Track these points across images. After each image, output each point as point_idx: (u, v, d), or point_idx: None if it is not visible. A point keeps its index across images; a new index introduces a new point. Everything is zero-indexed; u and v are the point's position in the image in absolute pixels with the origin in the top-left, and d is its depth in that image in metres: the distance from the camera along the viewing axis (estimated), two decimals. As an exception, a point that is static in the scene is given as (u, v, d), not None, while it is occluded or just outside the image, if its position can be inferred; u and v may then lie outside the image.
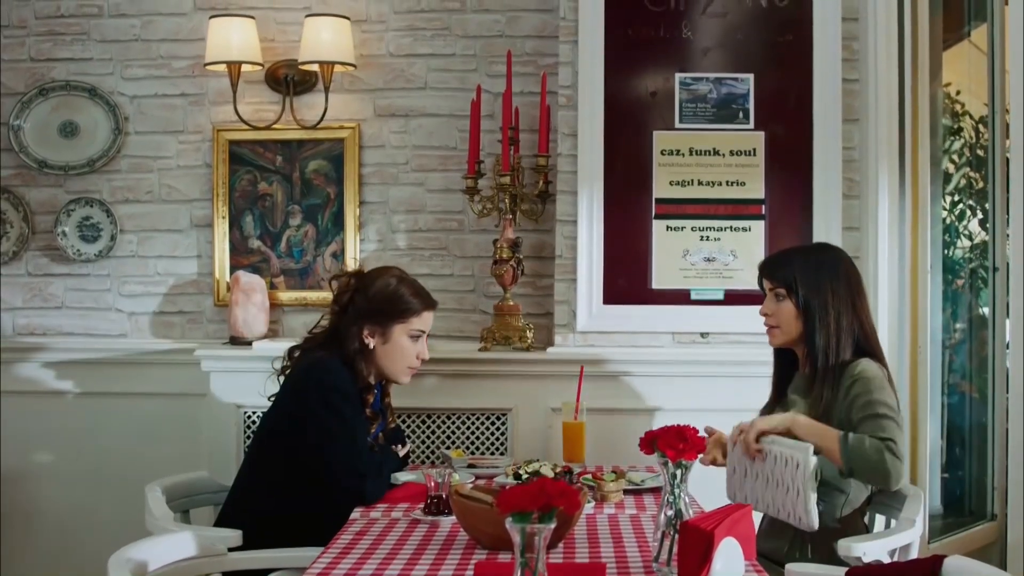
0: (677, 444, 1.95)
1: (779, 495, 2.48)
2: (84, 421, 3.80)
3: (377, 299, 2.86)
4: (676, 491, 2.00)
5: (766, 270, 2.83)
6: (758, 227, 3.51)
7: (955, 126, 4.22)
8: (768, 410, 2.84)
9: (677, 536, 1.95)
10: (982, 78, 4.01)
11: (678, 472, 2.00)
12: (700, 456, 2.47)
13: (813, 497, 2.41)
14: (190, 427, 3.69)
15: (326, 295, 3.73)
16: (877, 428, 2.53)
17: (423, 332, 2.92)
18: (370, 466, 2.73)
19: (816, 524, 2.43)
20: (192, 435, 3.67)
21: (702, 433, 2.09)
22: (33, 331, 3.88)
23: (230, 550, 2.53)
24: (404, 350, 2.89)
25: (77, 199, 3.83)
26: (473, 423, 3.51)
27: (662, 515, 2.03)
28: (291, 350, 2.94)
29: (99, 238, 3.84)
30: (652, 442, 2.01)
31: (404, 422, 3.48)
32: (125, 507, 3.42)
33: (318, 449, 2.70)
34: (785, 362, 2.85)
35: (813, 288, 2.70)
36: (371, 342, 2.86)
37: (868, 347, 2.71)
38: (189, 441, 3.69)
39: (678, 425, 2.01)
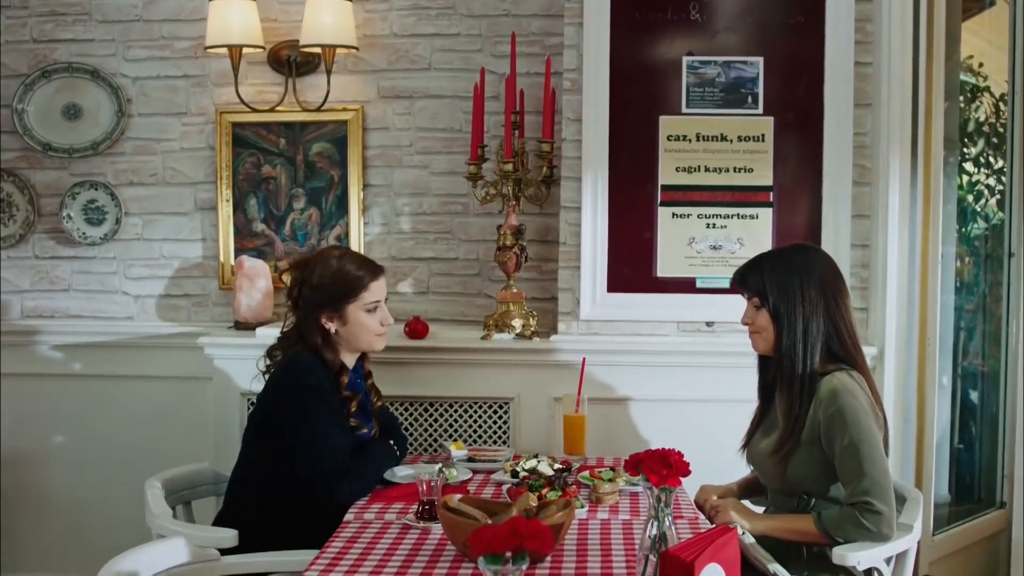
0: (661, 470, 1.93)
1: None
2: (91, 404, 3.84)
3: (322, 285, 2.83)
4: (660, 515, 1.98)
5: (738, 281, 2.75)
6: (766, 215, 3.45)
7: (975, 104, 4.11)
8: (758, 420, 2.80)
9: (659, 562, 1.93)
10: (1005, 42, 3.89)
11: (662, 496, 1.98)
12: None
13: None
14: (197, 410, 3.71)
15: (331, 279, 3.74)
16: (853, 483, 2.49)
17: (378, 302, 2.87)
18: (340, 465, 2.70)
19: None
20: (199, 418, 3.69)
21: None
22: (40, 314, 3.90)
23: (226, 551, 2.56)
24: (364, 325, 2.86)
25: (82, 182, 3.82)
26: (475, 412, 3.49)
27: (646, 536, 2.01)
28: (270, 350, 2.94)
29: (104, 221, 3.83)
30: (637, 466, 1.98)
31: (406, 410, 3.48)
32: (131, 489, 3.42)
33: (292, 450, 2.70)
34: (769, 369, 2.78)
35: (782, 294, 2.62)
36: (331, 327, 2.84)
37: (844, 353, 2.62)
38: (196, 424, 3.71)
39: (663, 449, 1.98)
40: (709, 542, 1.94)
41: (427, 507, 2.49)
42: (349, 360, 2.92)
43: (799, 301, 2.61)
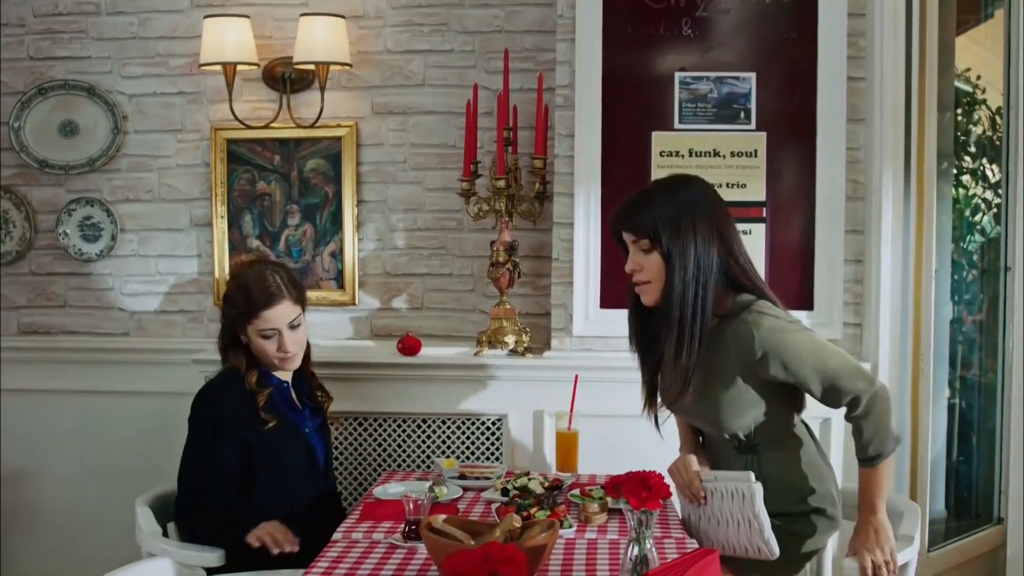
0: (641, 492, 1.93)
1: (732, 532, 2.45)
2: (87, 419, 3.84)
3: (229, 303, 2.86)
4: (641, 537, 1.98)
5: (624, 222, 2.50)
6: (759, 230, 3.44)
7: (974, 118, 4.10)
8: (653, 371, 2.63)
9: (639, 585, 1.93)
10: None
11: (643, 518, 1.97)
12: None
13: (768, 524, 2.37)
14: (192, 426, 3.71)
15: (325, 294, 3.77)
16: (847, 395, 2.42)
17: (275, 329, 2.82)
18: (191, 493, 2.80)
19: (777, 551, 2.39)
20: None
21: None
22: (37, 330, 3.91)
23: (213, 570, 2.56)
24: (262, 348, 2.84)
25: (78, 199, 3.84)
26: (468, 429, 3.49)
27: (627, 558, 2.01)
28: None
29: (100, 238, 3.85)
30: (617, 488, 1.98)
31: (399, 427, 3.49)
32: (126, 505, 3.41)
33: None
34: (648, 318, 2.57)
35: (674, 233, 2.42)
36: (244, 339, 2.86)
37: (746, 281, 2.48)
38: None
39: (643, 471, 1.98)
40: (690, 564, 1.93)
41: (414, 527, 2.48)
42: (285, 376, 2.93)
43: (692, 240, 2.42)
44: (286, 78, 3.73)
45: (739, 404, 2.50)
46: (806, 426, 2.66)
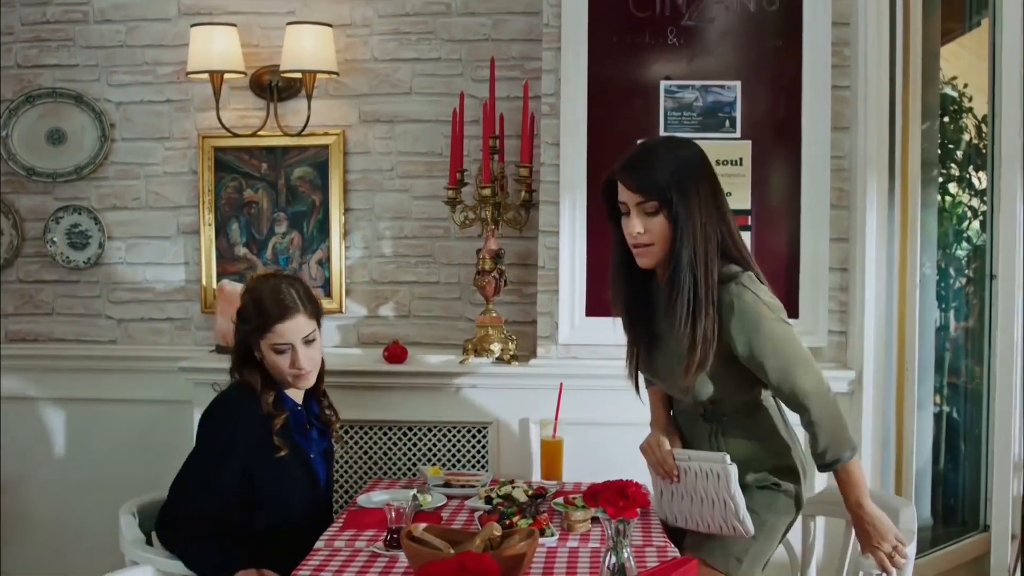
0: (618, 501, 1.93)
1: (706, 511, 2.45)
2: (74, 427, 3.85)
3: (242, 317, 2.81)
4: (618, 546, 1.98)
5: (632, 182, 2.36)
6: (744, 238, 3.40)
7: (961, 124, 4.11)
8: (643, 338, 2.58)
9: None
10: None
11: (620, 527, 1.98)
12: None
13: (743, 504, 2.38)
14: (179, 434, 3.69)
15: (312, 302, 3.75)
16: (799, 402, 2.40)
17: (288, 344, 2.75)
18: (176, 513, 2.74)
19: (752, 530, 2.41)
20: (181, 442, 3.65)
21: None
22: (24, 337, 3.91)
23: (195, 578, 2.57)
24: (275, 363, 2.78)
25: (65, 207, 3.85)
26: (452, 437, 3.49)
27: (604, 567, 2.01)
28: (231, 370, 2.91)
29: (88, 245, 3.86)
30: (594, 497, 1.98)
31: (385, 435, 3.49)
32: (112, 513, 3.42)
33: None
34: (640, 282, 2.51)
35: (683, 194, 2.32)
36: (258, 355, 2.80)
37: (736, 253, 2.43)
38: (177, 448, 3.66)
39: (621, 480, 1.98)
40: (669, 572, 1.94)
41: (396, 535, 2.49)
42: (298, 396, 2.89)
43: (697, 202, 2.34)
44: (273, 86, 3.74)
45: (708, 371, 2.46)
46: (774, 398, 2.62)
